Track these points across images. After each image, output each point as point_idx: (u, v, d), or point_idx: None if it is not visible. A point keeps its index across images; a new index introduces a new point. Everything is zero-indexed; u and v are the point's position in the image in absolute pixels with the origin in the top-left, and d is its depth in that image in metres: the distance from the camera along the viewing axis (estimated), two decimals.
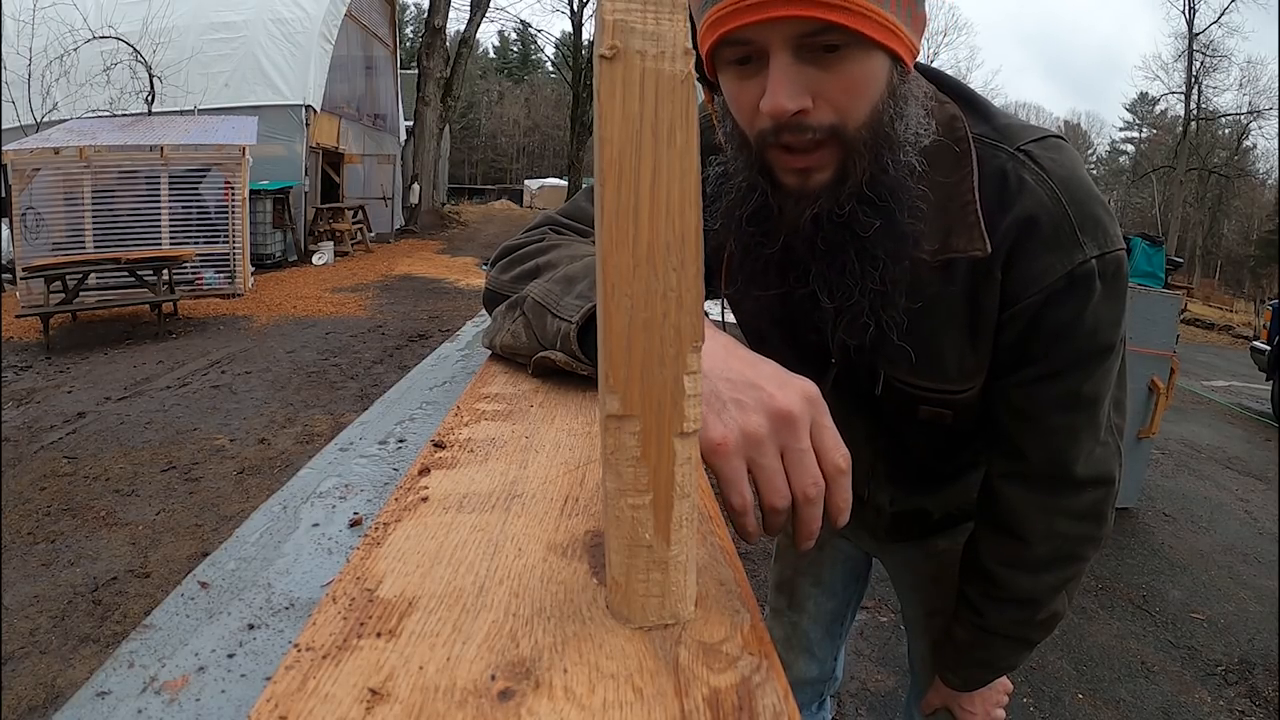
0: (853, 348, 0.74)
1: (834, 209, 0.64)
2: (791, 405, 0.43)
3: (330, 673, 0.27)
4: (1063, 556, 0.81)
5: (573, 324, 0.59)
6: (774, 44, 0.56)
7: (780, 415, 0.43)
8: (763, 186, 0.65)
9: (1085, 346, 0.70)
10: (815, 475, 0.43)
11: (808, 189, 0.63)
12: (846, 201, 0.63)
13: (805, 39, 0.56)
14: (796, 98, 0.57)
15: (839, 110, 0.59)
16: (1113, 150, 44.60)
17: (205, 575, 0.38)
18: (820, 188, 0.63)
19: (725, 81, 0.63)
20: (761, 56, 0.58)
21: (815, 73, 0.57)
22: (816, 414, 0.44)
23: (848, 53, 0.57)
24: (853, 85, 0.58)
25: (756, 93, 0.59)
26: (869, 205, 0.63)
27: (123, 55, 9.38)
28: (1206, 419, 6.19)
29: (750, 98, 0.60)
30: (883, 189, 0.63)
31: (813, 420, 0.44)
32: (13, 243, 6.84)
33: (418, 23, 34.64)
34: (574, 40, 26.93)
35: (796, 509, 0.43)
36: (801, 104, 0.58)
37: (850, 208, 0.63)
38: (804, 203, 0.64)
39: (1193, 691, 2.36)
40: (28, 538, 2.84)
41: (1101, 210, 0.67)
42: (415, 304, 7.97)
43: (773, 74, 0.57)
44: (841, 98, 0.59)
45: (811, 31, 0.55)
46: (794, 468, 0.43)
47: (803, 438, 0.43)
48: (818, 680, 1.26)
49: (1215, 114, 28.48)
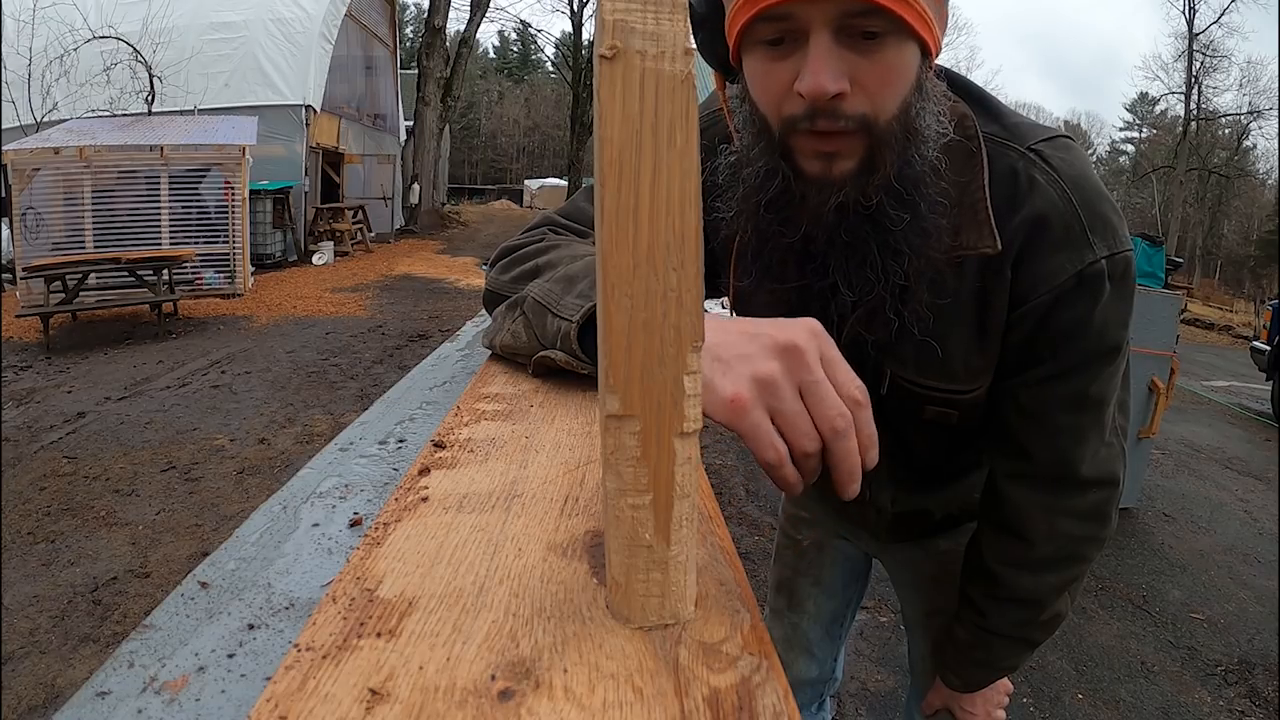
0: (870, 342, 0.74)
1: (860, 199, 0.62)
2: (797, 339, 0.42)
3: (330, 673, 0.27)
4: (1066, 557, 0.81)
5: (573, 323, 0.58)
6: (815, 23, 0.55)
7: (787, 350, 0.42)
8: (784, 172, 0.63)
9: (1093, 347, 0.70)
10: (839, 406, 0.41)
11: (831, 176, 0.62)
12: (874, 194, 0.62)
13: (848, 20, 0.55)
14: (837, 80, 0.56)
15: (872, 99, 0.58)
16: (1113, 150, 44.65)
17: (205, 575, 0.38)
18: (845, 176, 0.61)
19: (753, 62, 0.61)
20: (798, 37, 0.57)
21: (853, 58, 0.56)
22: (824, 345, 0.43)
23: (886, 41, 0.56)
24: (889, 74, 0.58)
25: (788, 75, 0.58)
26: (896, 198, 0.63)
27: (123, 55, 9.38)
28: (1206, 419, 6.19)
29: (780, 79, 0.59)
30: (909, 182, 0.62)
31: (821, 353, 0.42)
32: (13, 243, 6.85)
33: (418, 23, 34.66)
34: (574, 40, 26.93)
35: (829, 448, 0.41)
36: (840, 87, 0.56)
37: (878, 200, 0.62)
38: (827, 191, 0.62)
39: (1193, 691, 2.36)
40: (28, 538, 2.84)
41: (1111, 211, 0.68)
42: (415, 304, 7.97)
43: (813, 53, 0.56)
44: (877, 86, 0.58)
45: (856, 12, 0.54)
46: (815, 401, 0.41)
47: (816, 369, 0.41)
48: (817, 681, 1.26)
49: (1215, 114, 28.49)
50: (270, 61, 9.93)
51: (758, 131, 0.64)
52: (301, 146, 9.97)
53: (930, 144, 0.63)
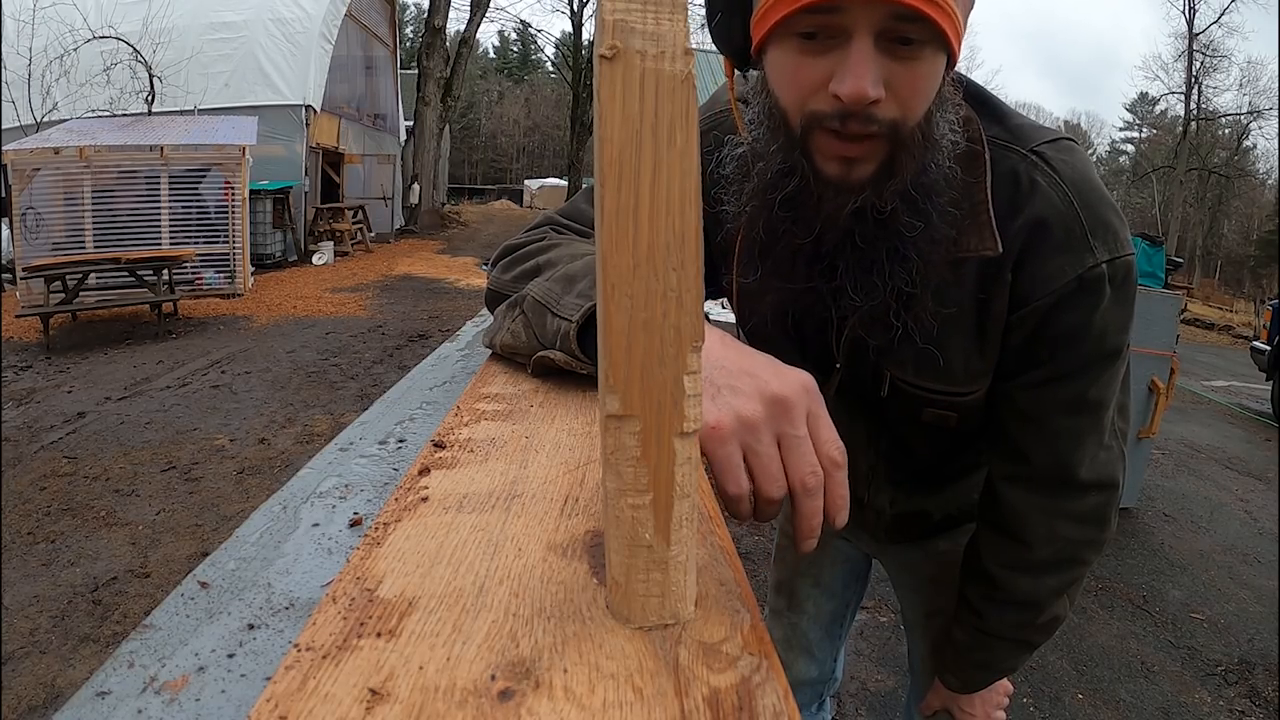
0: (871, 347, 0.74)
1: (876, 204, 0.62)
2: (788, 392, 0.42)
3: (330, 673, 0.27)
4: (1064, 560, 0.81)
5: (572, 323, 0.58)
6: (860, 24, 0.55)
7: (776, 400, 0.42)
8: (803, 169, 0.62)
9: (1092, 350, 0.70)
10: (813, 464, 0.42)
11: (850, 180, 0.61)
12: (890, 200, 0.62)
13: (891, 24, 0.54)
14: (877, 85, 0.56)
15: (903, 106, 0.58)
16: (1113, 150, 44.64)
17: (205, 575, 0.38)
18: (864, 180, 0.61)
19: (783, 54, 0.59)
20: (836, 35, 0.56)
21: (890, 64, 0.56)
22: (812, 404, 0.43)
23: (922, 49, 0.56)
24: (921, 82, 0.58)
25: (820, 72, 0.57)
26: (911, 205, 0.63)
27: (123, 55, 9.38)
28: (1206, 419, 6.19)
29: (812, 76, 0.58)
30: (923, 189, 0.63)
31: (809, 410, 0.43)
32: (13, 243, 6.84)
33: (418, 23, 34.65)
34: (574, 40, 26.93)
35: (795, 501, 0.42)
36: (879, 93, 0.56)
37: (894, 206, 0.62)
38: (846, 195, 0.62)
39: (1193, 691, 2.36)
40: (28, 538, 2.84)
41: (1113, 214, 0.67)
42: (415, 304, 7.97)
43: (855, 57, 0.55)
44: (909, 93, 0.58)
45: (902, 16, 0.54)
46: (791, 455, 0.42)
47: (799, 425, 0.42)
48: (817, 681, 1.26)
49: (1215, 114, 28.47)
50: (270, 61, 9.93)
51: (775, 126, 0.63)
52: (301, 146, 9.96)
53: (946, 152, 0.63)
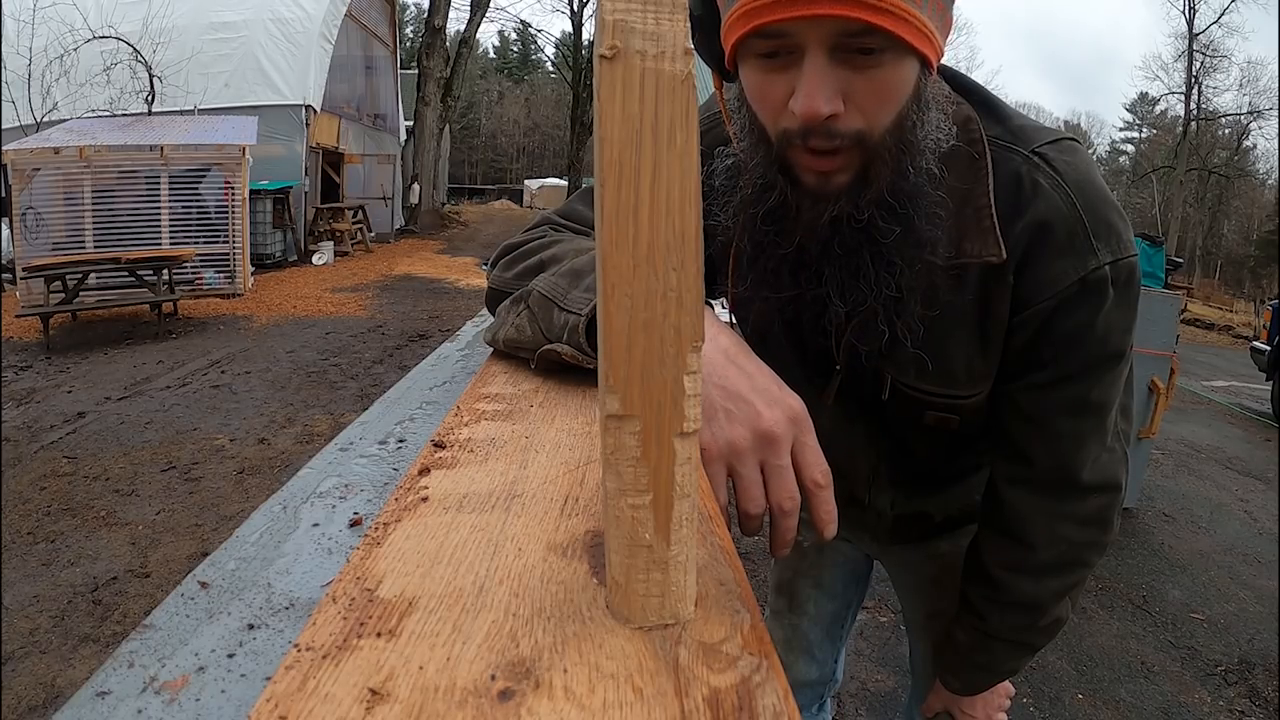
0: (864, 354, 0.74)
1: (853, 213, 0.62)
2: (775, 426, 0.46)
3: (330, 673, 0.27)
4: (1067, 562, 0.81)
5: (581, 316, 0.58)
6: (811, 42, 0.54)
7: (763, 434, 0.46)
8: (781, 185, 0.63)
9: (1095, 353, 0.69)
10: (791, 490, 0.46)
11: (828, 190, 0.62)
12: (866, 208, 0.62)
13: (843, 39, 0.54)
14: (831, 101, 0.55)
15: (867, 116, 0.58)
16: (1113, 150, 44.63)
17: (205, 575, 0.38)
18: (840, 189, 0.62)
19: (749, 73, 0.60)
20: (793, 52, 0.56)
21: (848, 75, 0.56)
22: (800, 433, 0.47)
23: (883, 57, 0.55)
24: (884, 91, 0.57)
25: (784, 89, 0.58)
26: (888, 211, 0.62)
27: (123, 55, 9.38)
28: (1206, 419, 6.19)
29: (777, 93, 0.58)
30: (902, 195, 0.62)
31: (795, 439, 0.47)
32: (13, 243, 6.84)
33: (418, 23, 34.64)
34: (574, 40, 26.94)
35: (773, 520, 0.46)
36: (835, 108, 0.56)
37: (870, 214, 0.62)
38: (823, 204, 0.62)
39: (1193, 691, 2.36)
40: (28, 538, 2.84)
41: (1116, 216, 0.67)
42: (415, 304, 7.97)
43: (807, 74, 0.55)
44: (871, 103, 0.57)
45: (852, 32, 0.53)
46: (772, 481, 0.46)
47: (783, 455, 0.46)
48: (818, 682, 1.25)
49: (1215, 114, 28.48)
50: (270, 61, 9.93)
51: (756, 140, 0.64)
52: (301, 146, 9.96)
53: (927, 155, 0.63)
